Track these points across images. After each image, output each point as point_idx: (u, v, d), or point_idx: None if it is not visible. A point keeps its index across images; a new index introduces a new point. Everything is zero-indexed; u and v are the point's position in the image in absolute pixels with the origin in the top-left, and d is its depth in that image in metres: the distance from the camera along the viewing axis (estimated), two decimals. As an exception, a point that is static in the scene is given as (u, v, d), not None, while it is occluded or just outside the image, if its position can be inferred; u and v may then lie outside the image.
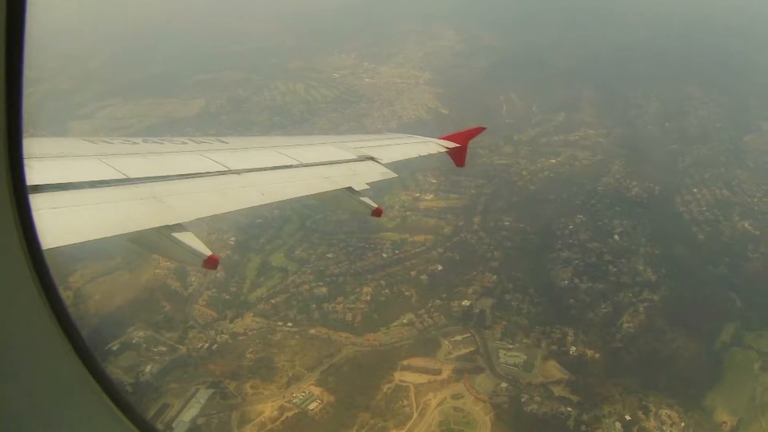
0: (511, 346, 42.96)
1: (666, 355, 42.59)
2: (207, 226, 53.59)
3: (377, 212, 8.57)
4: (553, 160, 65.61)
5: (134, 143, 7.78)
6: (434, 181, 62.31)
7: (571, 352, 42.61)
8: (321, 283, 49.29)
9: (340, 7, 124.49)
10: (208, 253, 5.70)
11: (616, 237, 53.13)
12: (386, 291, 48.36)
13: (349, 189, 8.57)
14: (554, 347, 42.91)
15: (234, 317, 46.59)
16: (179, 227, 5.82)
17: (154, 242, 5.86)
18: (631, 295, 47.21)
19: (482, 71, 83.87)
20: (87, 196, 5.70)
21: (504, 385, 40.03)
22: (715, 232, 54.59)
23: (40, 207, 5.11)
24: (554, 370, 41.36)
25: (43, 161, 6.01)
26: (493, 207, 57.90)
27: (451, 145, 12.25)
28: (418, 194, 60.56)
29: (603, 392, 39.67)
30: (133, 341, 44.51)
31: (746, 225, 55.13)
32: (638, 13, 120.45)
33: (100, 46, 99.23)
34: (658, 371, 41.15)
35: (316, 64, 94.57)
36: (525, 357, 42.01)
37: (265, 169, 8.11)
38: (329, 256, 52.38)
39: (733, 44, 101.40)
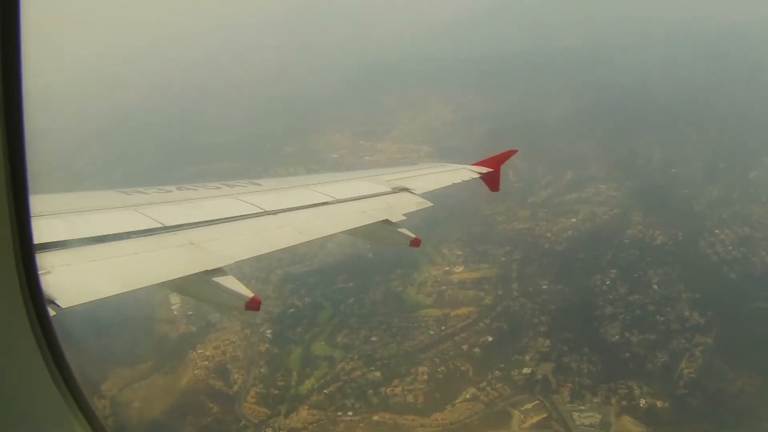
0: (582, 407, 45.97)
1: (732, 394, 46.12)
2: (240, 321, 56.54)
3: (416, 242, 8.99)
4: (573, 219, 69.95)
5: (168, 191, 8.26)
6: (460, 252, 65.91)
7: (641, 405, 45.90)
8: (372, 368, 51.42)
9: (319, 87, 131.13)
10: (249, 294, 6.06)
11: (655, 287, 57.09)
12: (442, 368, 50.87)
13: (386, 222, 9.03)
14: (624, 402, 46.04)
15: (288, 412, 48.21)
16: (219, 272, 6.18)
17: (194, 288, 6.26)
18: (684, 341, 50.89)
19: (480, 139, 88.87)
20: (125, 247, 6.09)
21: (587, 447, 43.31)
22: (745, 270, 58.86)
23: (80, 261, 5.48)
24: (630, 425, 44.48)
25: (79, 215, 6.46)
26: (527, 272, 61.42)
27: (484, 170, 12.98)
28: (447, 267, 63.84)
29: (683, 440, 43.27)
30: (186, 448, 45.92)
31: (775, 258, 59.75)
32: (621, 63, 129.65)
33: (85, 143, 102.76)
34: (729, 411, 44.73)
35: (312, 146, 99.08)
36: (599, 416, 45.01)
37: (300, 207, 8.53)
38: (373, 339, 54.79)
39: (721, 84, 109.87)
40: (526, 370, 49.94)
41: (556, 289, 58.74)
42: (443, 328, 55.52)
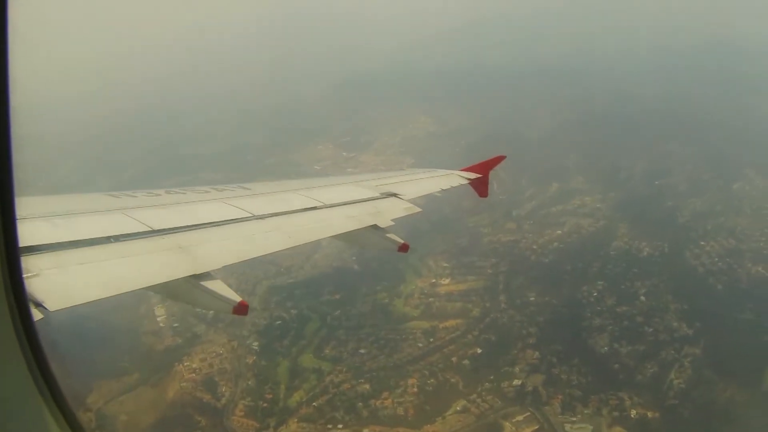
0: (574, 419, 46.41)
1: (722, 404, 46.87)
2: (226, 333, 56.47)
3: (404, 248, 9.10)
4: (559, 231, 70.83)
5: (157, 195, 8.34)
6: (446, 264, 66.48)
7: (632, 416, 46.44)
8: (362, 380, 51.52)
9: (301, 98, 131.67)
10: (237, 299, 6.14)
11: (643, 298, 57.86)
12: (431, 380, 51.10)
13: (374, 227, 9.13)
14: (615, 413, 46.58)
15: (278, 425, 48.33)
16: (207, 276, 6.22)
17: (182, 292, 6.27)
18: (673, 351, 51.59)
19: (463, 151, 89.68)
20: (113, 250, 6.08)
21: (580, 458, 43.74)
22: (731, 281, 59.77)
23: (68, 264, 5.46)
24: (623, 435, 45.44)
25: (67, 218, 6.40)
26: (514, 284, 61.98)
27: (473, 176, 13.08)
28: (434, 280, 64.32)
29: (675, 450, 43.93)
30: (175, 461, 45.44)
31: (760, 269, 60.73)
32: (604, 75, 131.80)
33: (66, 153, 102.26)
34: (720, 421, 45.44)
35: (294, 157, 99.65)
36: (591, 427, 45.47)
37: (289, 212, 8.59)
38: (362, 351, 54.91)
39: (705, 96, 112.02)
40: (516, 382, 50.31)
41: (543, 300, 59.34)
42: (431, 340, 55.82)
